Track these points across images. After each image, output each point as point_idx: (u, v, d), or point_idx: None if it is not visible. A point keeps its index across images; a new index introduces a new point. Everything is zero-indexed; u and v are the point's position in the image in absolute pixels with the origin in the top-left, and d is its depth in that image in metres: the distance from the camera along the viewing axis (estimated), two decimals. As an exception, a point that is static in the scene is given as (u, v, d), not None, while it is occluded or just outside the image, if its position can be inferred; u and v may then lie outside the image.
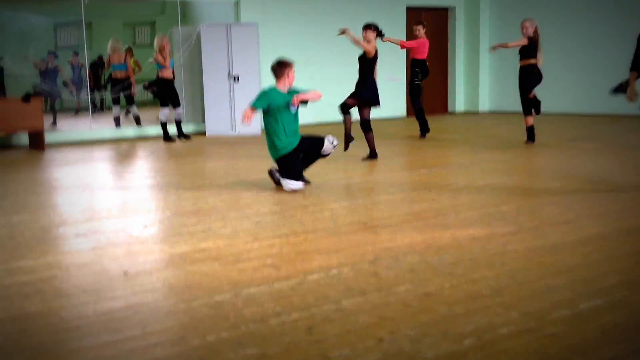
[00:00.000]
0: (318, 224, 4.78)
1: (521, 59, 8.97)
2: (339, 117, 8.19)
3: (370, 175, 7.03)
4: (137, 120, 11.67)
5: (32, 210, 5.51)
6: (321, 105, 12.86)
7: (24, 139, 10.23)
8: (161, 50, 10.37)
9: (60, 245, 4.39)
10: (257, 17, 11.81)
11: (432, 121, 14.43)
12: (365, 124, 7.83)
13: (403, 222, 4.78)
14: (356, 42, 7.73)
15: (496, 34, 14.63)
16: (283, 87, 6.09)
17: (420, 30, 10.53)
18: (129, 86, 11.64)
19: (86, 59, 12.43)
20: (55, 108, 13.23)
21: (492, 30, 15.01)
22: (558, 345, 2.69)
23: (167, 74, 10.52)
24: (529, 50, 8.89)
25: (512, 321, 2.93)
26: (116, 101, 11.70)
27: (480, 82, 15.41)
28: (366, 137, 7.84)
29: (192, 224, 4.84)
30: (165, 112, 10.67)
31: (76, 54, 14.01)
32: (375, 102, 7.82)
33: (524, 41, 8.87)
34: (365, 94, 7.77)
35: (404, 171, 7.26)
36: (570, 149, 8.49)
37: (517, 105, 9.54)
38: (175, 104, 10.70)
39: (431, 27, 15.03)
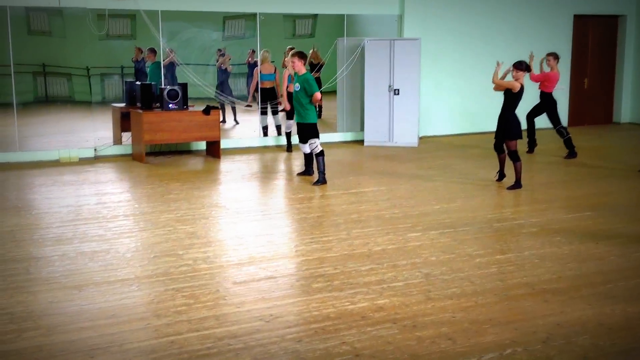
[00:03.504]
0: (486, 283, 5.03)
1: None
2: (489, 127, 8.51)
3: (533, 215, 7.10)
4: (279, 130, 12.02)
5: (220, 242, 6.22)
6: (481, 117, 12.84)
7: (201, 144, 11.21)
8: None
9: (261, 290, 4.91)
10: (419, 32, 11.98)
11: (595, 133, 13.95)
12: (513, 154, 8.26)
13: (571, 289, 4.91)
14: (503, 85, 8.29)
15: (671, 44, 13.81)
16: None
17: (552, 61, 10.19)
18: (275, 96, 11.81)
19: (258, 53, 12.32)
20: (234, 108, 13.66)
21: (667, 38, 14.20)
22: None
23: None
24: None
25: None
26: (263, 111, 11.82)
27: (649, 91, 14.66)
28: (515, 167, 8.29)
29: (365, 272, 5.27)
30: (289, 124, 11.10)
31: (253, 51, 14.18)
32: (517, 136, 8.24)
33: None
34: (507, 133, 8.23)
35: (568, 212, 7.23)
36: None
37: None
38: (289, 115, 11.05)
39: (599, 34, 14.48)
